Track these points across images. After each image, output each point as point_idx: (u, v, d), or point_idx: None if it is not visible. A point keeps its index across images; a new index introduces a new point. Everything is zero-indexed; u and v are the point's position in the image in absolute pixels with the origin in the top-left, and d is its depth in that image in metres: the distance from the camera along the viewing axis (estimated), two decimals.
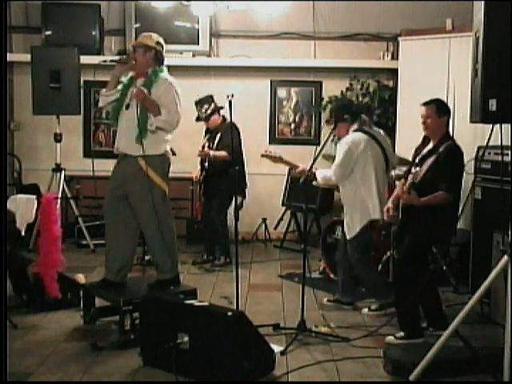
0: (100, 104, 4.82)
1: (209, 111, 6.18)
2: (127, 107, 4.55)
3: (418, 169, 4.27)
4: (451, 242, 5.27)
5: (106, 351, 4.02)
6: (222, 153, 6.08)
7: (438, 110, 4.31)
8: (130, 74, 4.71)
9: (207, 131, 6.41)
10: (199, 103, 6.22)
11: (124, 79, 4.70)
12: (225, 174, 6.08)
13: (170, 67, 4.77)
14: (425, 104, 4.37)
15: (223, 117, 6.22)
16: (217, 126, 6.25)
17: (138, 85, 4.55)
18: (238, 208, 4.54)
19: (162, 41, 4.68)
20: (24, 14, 7.58)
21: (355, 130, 4.87)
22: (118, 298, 4.21)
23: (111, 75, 4.67)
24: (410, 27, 6.91)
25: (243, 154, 6.34)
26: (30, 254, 5.84)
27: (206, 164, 6.27)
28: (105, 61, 4.84)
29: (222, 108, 6.17)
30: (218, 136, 6.20)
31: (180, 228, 5.64)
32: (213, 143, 6.24)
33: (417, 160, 4.39)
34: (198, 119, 6.30)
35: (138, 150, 4.47)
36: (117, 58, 4.78)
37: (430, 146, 4.35)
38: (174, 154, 4.81)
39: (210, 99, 6.23)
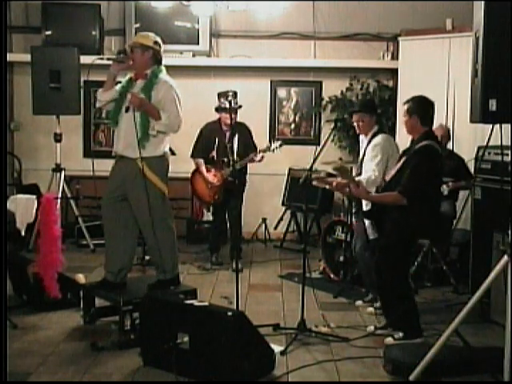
0: (97, 105, 4.77)
1: (238, 104, 6.15)
2: (127, 110, 4.51)
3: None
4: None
5: (106, 351, 4.01)
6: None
7: (409, 109, 4.27)
8: (129, 74, 4.69)
9: (206, 139, 6.34)
10: (234, 95, 6.17)
11: (123, 80, 4.68)
12: (243, 174, 6.24)
13: (169, 67, 4.75)
14: (403, 103, 4.38)
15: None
16: (231, 124, 6.25)
17: (138, 86, 4.54)
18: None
19: (159, 40, 4.63)
20: (24, 14, 7.58)
21: (380, 132, 4.93)
22: (118, 298, 4.20)
23: (107, 74, 4.63)
24: (410, 27, 6.92)
25: None
26: (30, 254, 5.83)
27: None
28: (101, 58, 4.82)
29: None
30: (237, 137, 6.20)
31: (180, 228, 5.62)
32: (231, 143, 6.21)
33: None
34: (222, 110, 6.19)
35: (137, 153, 4.44)
36: (113, 56, 4.74)
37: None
38: (173, 153, 4.80)
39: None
